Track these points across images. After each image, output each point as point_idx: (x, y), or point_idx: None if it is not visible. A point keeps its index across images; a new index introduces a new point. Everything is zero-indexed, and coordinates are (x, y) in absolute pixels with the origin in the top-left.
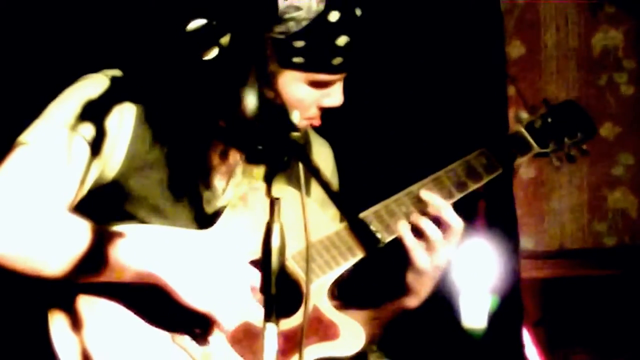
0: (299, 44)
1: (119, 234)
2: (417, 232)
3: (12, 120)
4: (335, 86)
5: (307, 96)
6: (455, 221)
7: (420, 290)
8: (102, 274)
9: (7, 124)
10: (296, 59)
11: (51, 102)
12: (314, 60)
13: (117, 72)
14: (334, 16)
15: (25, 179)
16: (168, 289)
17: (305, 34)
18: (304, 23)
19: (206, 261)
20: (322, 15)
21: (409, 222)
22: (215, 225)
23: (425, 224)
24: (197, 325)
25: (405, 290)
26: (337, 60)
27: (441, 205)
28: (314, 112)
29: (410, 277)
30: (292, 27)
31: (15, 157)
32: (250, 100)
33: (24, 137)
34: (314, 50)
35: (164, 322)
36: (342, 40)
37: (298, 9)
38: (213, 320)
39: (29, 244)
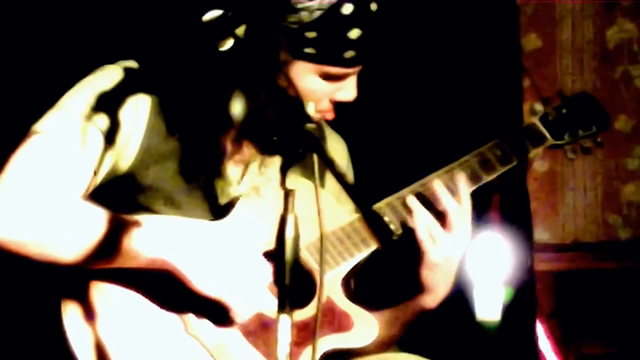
0: (311, 34)
1: (133, 222)
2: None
3: (29, 110)
4: (348, 80)
5: (318, 88)
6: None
7: (435, 287)
8: (115, 260)
9: (25, 114)
10: (308, 50)
11: (66, 91)
12: (325, 52)
13: (132, 64)
14: (347, 8)
15: (39, 166)
16: (180, 275)
17: (317, 24)
18: (317, 14)
19: (219, 251)
20: (336, 7)
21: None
22: (229, 216)
23: (418, 218)
24: (212, 314)
25: (420, 287)
26: (350, 54)
27: (441, 195)
28: (327, 105)
29: (424, 273)
30: (305, 17)
31: (29, 145)
32: (237, 107)
33: (38, 126)
34: (326, 41)
35: (177, 310)
36: (354, 33)
37: None
38: (226, 308)
39: (43, 230)
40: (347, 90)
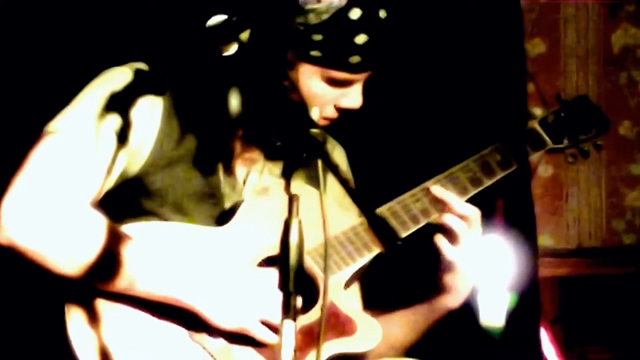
0: (317, 37)
1: (135, 248)
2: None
3: (40, 111)
4: (354, 87)
5: (323, 93)
6: (470, 211)
7: (457, 287)
8: (114, 282)
9: (36, 115)
10: (313, 52)
11: (77, 94)
12: (331, 56)
13: (142, 65)
14: (355, 13)
15: (54, 167)
16: (198, 314)
17: (324, 27)
18: (324, 17)
19: (227, 267)
20: (344, 11)
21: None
22: (232, 221)
23: (448, 219)
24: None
25: (439, 289)
26: (355, 59)
27: (451, 201)
28: (332, 112)
29: (445, 276)
30: (312, 19)
31: (44, 145)
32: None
33: (52, 126)
34: (332, 45)
35: (181, 318)
36: (361, 39)
37: (319, 1)
38: (251, 336)
39: (50, 241)
40: (352, 97)
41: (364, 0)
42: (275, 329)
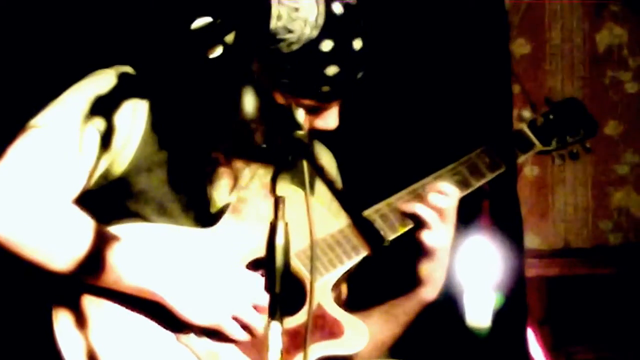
0: (286, 66)
1: (119, 243)
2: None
3: (23, 113)
4: (329, 110)
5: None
6: (442, 203)
7: (434, 278)
8: (101, 277)
9: (19, 117)
10: (283, 80)
11: (61, 94)
12: (300, 85)
13: (128, 69)
14: (327, 46)
15: (35, 162)
16: (171, 309)
17: (294, 58)
18: (295, 47)
19: (206, 265)
20: (315, 43)
21: (404, 213)
22: (218, 223)
23: (417, 208)
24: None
25: (418, 281)
26: (325, 89)
27: (427, 193)
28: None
29: (423, 267)
30: (283, 48)
31: (26, 139)
32: (249, 102)
33: (36, 121)
34: (301, 75)
35: (168, 321)
36: (331, 70)
37: (290, 31)
38: (222, 333)
39: (35, 232)
40: (328, 119)
41: (338, 31)
42: (246, 327)
